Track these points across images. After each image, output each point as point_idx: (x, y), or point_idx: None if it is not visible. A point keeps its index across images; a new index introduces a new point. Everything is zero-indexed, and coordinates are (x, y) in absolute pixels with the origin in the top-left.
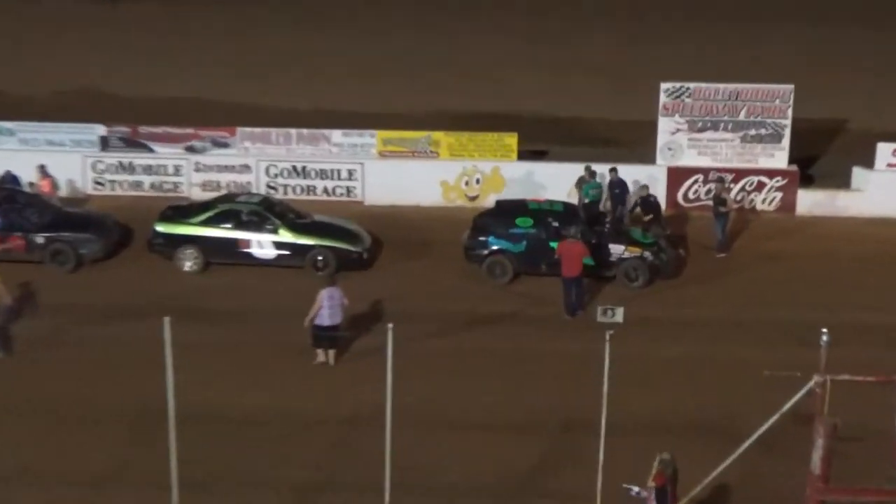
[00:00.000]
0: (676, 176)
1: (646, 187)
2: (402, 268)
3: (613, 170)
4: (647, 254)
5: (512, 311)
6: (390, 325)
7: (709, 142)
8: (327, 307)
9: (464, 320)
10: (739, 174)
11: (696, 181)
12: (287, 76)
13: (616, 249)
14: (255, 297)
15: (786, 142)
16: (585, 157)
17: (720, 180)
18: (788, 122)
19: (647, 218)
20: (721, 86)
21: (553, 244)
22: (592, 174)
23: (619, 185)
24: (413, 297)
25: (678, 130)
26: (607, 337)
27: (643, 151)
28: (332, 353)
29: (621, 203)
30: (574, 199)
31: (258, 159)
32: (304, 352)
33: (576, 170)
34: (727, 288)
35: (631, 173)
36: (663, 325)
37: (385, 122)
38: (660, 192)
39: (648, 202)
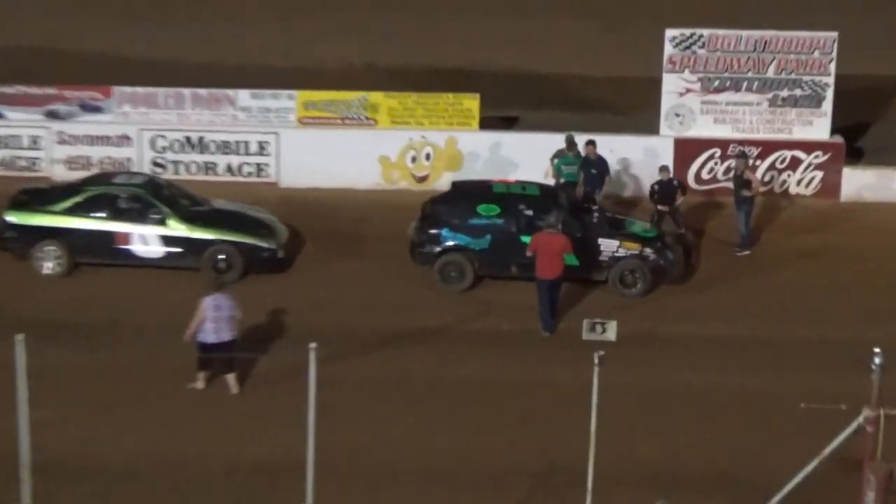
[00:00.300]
0: (686, 150)
1: (666, 168)
2: (330, 270)
3: (591, 143)
4: (647, 251)
5: (472, 326)
6: (313, 345)
7: (728, 106)
8: (211, 320)
9: (409, 339)
10: (767, 148)
11: (711, 157)
12: (177, 19)
13: (608, 245)
14: (136, 308)
15: (827, 106)
16: (568, 125)
17: (742, 156)
18: (831, 80)
19: (661, 208)
20: (744, 33)
21: (525, 239)
22: (572, 146)
23: (597, 164)
24: (343, 308)
25: (688, 91)
26: (596, 360)
27: (643, 118)
28: (231, 378)
29: (598, 187)
30: (552, 180)
31: (140, 128)
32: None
33: (556, 142)
34: (750, 295)
35: (626, 147)
36: (668, 343)
37: (307, 80)
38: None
39: (670, 188)
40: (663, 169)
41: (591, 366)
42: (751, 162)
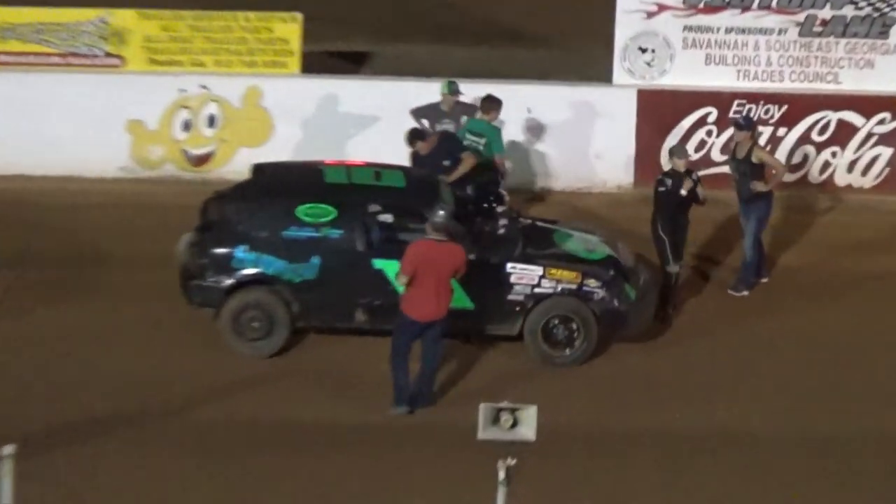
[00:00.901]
0: (658, 110)
1: (681, 151)
2: (41, 317)
3: (490, 101)
4: (591, 284)
5: (288, 417)
6: (7, 450)
7: (728, 34)
8: None
9: (185, 437)
10: (797, 107)
11: (700, 123)
12: None
13: (524, 274)
14: None
15: None
16: (453, 67)
17: (744, 124)
18: None
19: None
20: None
21: (382, 263)
22: (492, 104)
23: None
24: (63, 389)
25: (661, 9)
26: (501, 474)
27: (583, 56)
28: None
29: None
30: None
31: None
32: None
33: (431, 95)
34: (761, 354)
35: (555, 105)
36: (620, 445)
37: None
38: (619, 141)
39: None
40: (677, 151)
41: (490, 484)
42: (760, 133)
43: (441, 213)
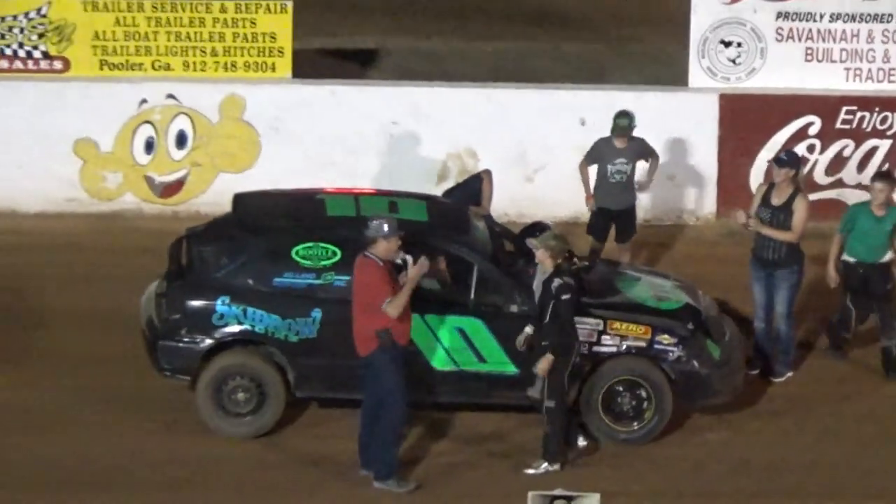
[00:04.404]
0: (744, 118)
1: (790, 157)
2: None
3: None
4: (665, 342)
5: None
6: None
7: (833, 22)
8: None
9: None
10: None
11: (800, 134)
12: None
13: (581, 330)
14: None
15: None
16: (485, 67)
17: (784, 160)
18: None
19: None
20: None
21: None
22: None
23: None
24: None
25: None
26: None
27: (652, 53)
28: None
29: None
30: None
31: None
32: None
33: (455, 102)
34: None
35: (609, 114)
36: None
37: None
38: (696, 160)
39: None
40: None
41: None
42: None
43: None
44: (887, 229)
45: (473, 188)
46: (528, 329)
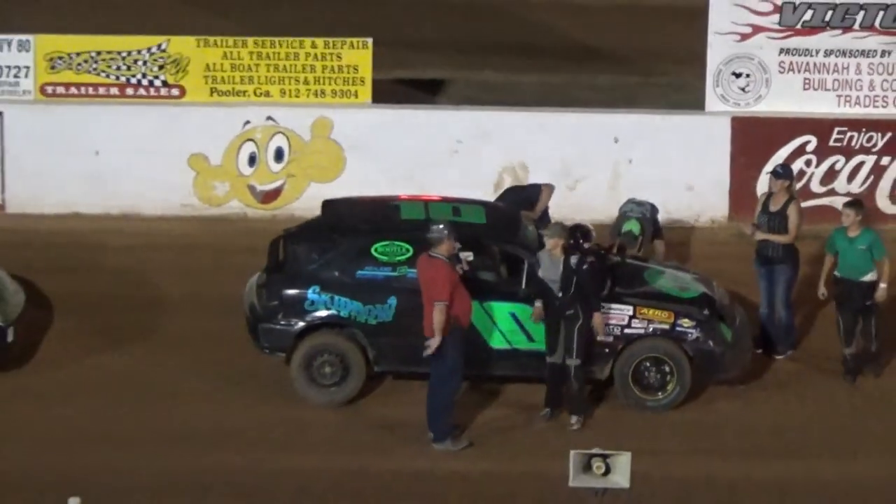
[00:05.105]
0: (752, 138)
1: (785, 171)
2: (99, 364)
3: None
4: (685, 325)
5: (360, 467)
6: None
7: (828, 57)
8: None
9: (252, 489)
10: None
11: (799, 151)
12: None
13: (614, 315)
14: None
15: None
16: (535, 93)
17: (780, 173)
18: None
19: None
20: None
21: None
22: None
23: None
24: (124, 439)
25: (756, 31)
26: None
27: (674, 81)
28: None
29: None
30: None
31: None
32: None
33: (507, 123)
34: (869, 406)
35: (643, 133)
36: (715, 494)
37: (57, 15)
38: (712, 172)
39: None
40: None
41: None
42: (798, 187)
43: (436, 228)
44: (860, 248)
45: (530, 195)
46: (538, 303)
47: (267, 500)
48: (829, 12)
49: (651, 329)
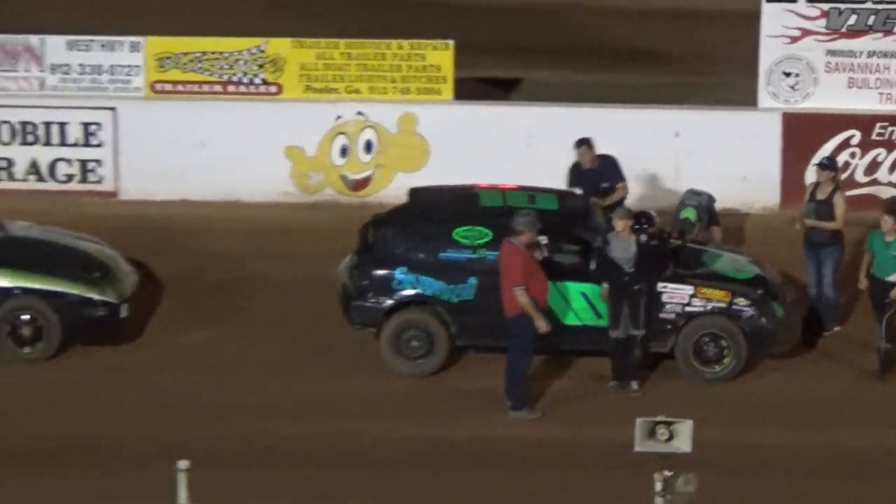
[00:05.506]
0: (801, 133)
1: None
2: (200, 340)
3: (584, 143)
4: (741, 303)
5: (443, 434)
6: (183, 464)
7: (871, 58)
8: None
9: (339, 467)
10: None
11: (844, 145)
12: None
13: (675, 294)
14: None
15: None
16: (598, 91)
17: (826, 164)
18: None
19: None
20: None
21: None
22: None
23: (599, 174)
24: (217, 409)
25: (804, 34)
26: (658, 485)
27: (727, 81)
28: None
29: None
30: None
31: None
32: None
33: (577, 119)
34: None
35: (699, 128)
36: (772, 459)
37: (164, 19)
38: (764, 164)
39: None
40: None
41: (646, 500)
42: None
43: (522, 219)
44: (893, 254)
45: (608, 179)
46: (605, 284)
47: (356, 466)
48: (872, 17)
49: (710, 307)
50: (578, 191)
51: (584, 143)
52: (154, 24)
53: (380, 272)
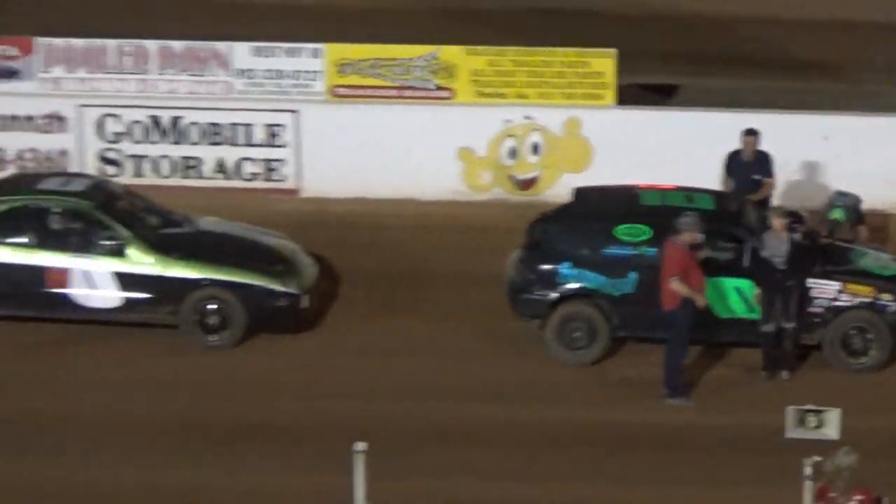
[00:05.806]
0: None
1: None
2: (377, 329)
3: (751, 133)
4: (885, 298)
5: (599, 418)
6: (360, 446)
7: None
8: None
9: (507, 447)
10: None
11: None
12: None
13: (824, 289)
14: (83, 393)
15: None
16: (756, 97)
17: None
18: None
19: None
20: None
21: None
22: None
23: (754, 166)
24: (395, 392)
25: None
26: (808, 471)
27: (881, 87)
28: None
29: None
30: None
31: (80, 103)
32: None
33: (735, 124)
34: None
35: (852, 132)
36: None
37: (344, 27)
38: None
39: None
40: None
41: (795, 483)
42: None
43: (686, 220)
44: None
45: (760, 173)
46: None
47: (523, 447)
48: None
49: (856, 302)
50: (731, 183)
51: (752, 133)
52: (331, 32)
53: (546, 267)
